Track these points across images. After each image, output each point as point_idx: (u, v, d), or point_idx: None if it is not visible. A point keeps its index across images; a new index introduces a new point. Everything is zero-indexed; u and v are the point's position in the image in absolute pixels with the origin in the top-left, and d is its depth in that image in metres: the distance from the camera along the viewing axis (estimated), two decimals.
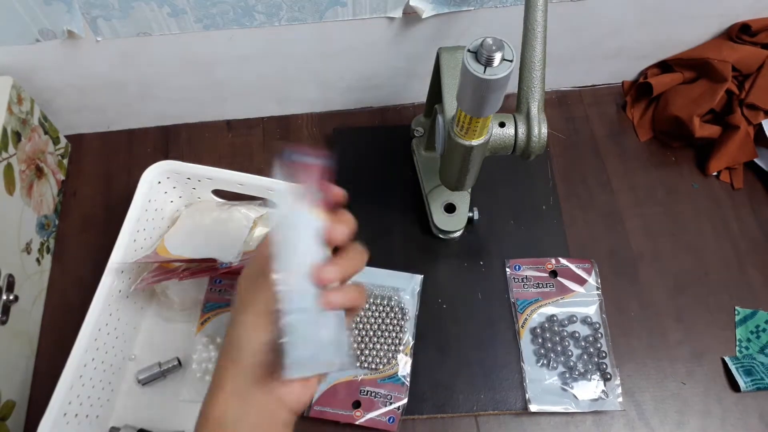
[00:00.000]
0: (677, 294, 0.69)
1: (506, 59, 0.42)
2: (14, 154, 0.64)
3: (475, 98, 0.45)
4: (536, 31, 0.54)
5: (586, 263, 0.70)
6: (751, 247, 0.72)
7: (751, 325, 0.67)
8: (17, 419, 0.61)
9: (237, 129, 0.81)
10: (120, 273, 0.60)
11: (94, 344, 0.57)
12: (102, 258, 0.59)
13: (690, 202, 0.75)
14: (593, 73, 0.82)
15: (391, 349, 0.64)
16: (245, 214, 0.66)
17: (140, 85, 0.73)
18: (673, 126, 0.76)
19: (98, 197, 0.76)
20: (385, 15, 0.65)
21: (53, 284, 0.70)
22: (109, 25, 0.62)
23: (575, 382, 0.63)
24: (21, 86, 0.67)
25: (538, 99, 0.55)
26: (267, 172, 0.77)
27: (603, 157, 0.78)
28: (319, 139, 0.79)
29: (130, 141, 0.80)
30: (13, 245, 0.63)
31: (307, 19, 0.64)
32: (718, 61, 0.73)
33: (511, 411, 0.63)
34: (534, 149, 0.55)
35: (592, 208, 0.74)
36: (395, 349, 0.64)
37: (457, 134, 0.52)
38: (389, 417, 0.61)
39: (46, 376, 0.64)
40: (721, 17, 0.73)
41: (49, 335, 0.67)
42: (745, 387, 0.63)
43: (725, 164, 0.75)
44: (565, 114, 0.81)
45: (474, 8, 0.66)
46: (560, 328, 0.66)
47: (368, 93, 0.79)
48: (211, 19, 0.63)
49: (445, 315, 0.68)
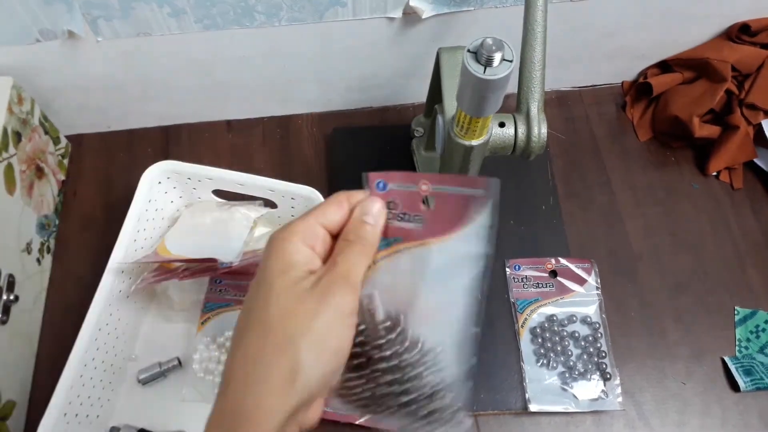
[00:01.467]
0: (677, 294, 0.69)
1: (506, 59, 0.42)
2: (14, 154, 0.64)
3: (475, 98, 0.45)
4: (536, 31, 0.54)
5: (586, 263, 0.70)
6: (751, 247, 0.72)
7: (751, 325, 0.67)
8: (17, 419, 0.61)
9: (237, 129, 0.81)
10: (120, 273, 0.60)
11: (94, 344, 0.57)
12: (102, 258, 0.59)
13: (690, 202, 0.75)
14: (593, 73, 0.82)
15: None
16: (246, 215, 0.66)
17: (140, 85, 0.73)
18: (673, 126, 0.76)
19: (98, 197, 0.76)
20: (385, 15, 0.65)
21: (53, 284, 0.70)
22: (110, 25, 0.62)
23: (575, 381, 0.63)
24: (21, 86, 0.67)
25: (538, 99, 0.55)
26: (267, 172, 0.77)
27: (603, 157, 0.78)
28: (319, 139, 0.79)
29: (130, 141, 0.80)
30: (14, 245, 0.63)
31: (307, 19, 0.64)
32: (717, 61, 0.73)
33: (511, 411, 0.63)
34: (534, 149, 0.55)
35: (591, 208, 0.75)
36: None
37: (457, 134, 0.52)
38: None
39: (47, 376, 0.64)
40: (720, 17, 0.73)
41: (50, 335, 0.67)
42: (745, 387, 0.63)
43: (725, 164, 0.75)
44: (565, 114, 0.81)
45: (474, 8, 0.66)
46: (560, 328, 0.66)
47: (368, 93, 0.79)
48: (211, 20, 0.63)
49: None
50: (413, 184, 0.37)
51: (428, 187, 0.37)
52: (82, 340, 0.55)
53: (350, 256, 0.33)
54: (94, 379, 0.58)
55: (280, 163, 0.78)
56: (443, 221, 0.37)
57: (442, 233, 0.37)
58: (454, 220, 0.37)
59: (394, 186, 0.38)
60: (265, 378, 0.29)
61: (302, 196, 0.62)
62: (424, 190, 0.37)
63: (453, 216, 0.37)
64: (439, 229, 0.37)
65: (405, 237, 0.37)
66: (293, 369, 0.29)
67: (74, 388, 0.54)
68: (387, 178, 0.38)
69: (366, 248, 0.34)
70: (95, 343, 0.57)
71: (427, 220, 0.37)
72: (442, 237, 0.37)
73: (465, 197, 0.37)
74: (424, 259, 0.37)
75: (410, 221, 0.37)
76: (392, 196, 0.38)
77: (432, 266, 0.36)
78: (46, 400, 0.52)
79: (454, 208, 0.37)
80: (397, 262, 0.37)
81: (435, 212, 0.37)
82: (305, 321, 0.30)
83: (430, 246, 0.37)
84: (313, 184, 0.62)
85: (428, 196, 0.37)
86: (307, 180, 0.63)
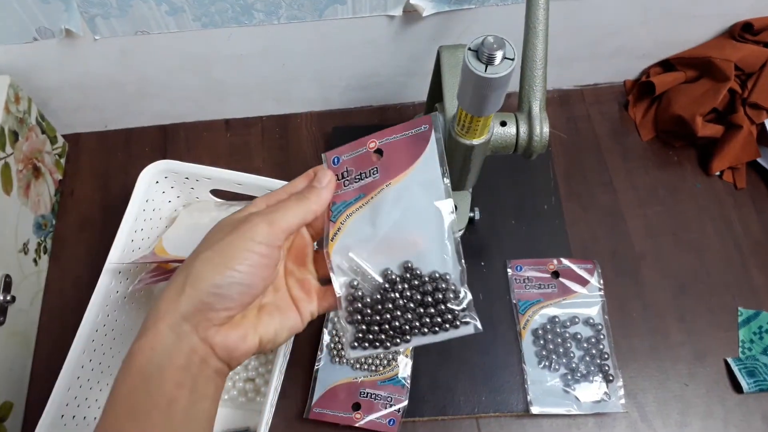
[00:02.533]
0: (680, 295, 0.69)
1: (507, 58, 0.41)
2: (11, 153, 0.64)
3: (476, 97, 0.44)
4: (538, 30, 0.54)
5: (589, 264, 0.69)
6: (754, 247, 0.71)
7: (754, 326, 0.67)
8: (15, 420, 0.61)
9: (235, 128, 0.80)
10: (118, 273, 0.60)
11: (91, 345, 0.56)
12: (99, 258, 0.58)
13: (692, 202, 0.74)
14: (595, 72, 0.81)
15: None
16: None
17: (138, 84, 0.72)
18: (676, 125, 0.75)
19: (96, 197, 0.75)
20: (385, 13, 0.65)
21: (50, 285, 0.70)
22: (107, 23, 0.62)
23: (577, 383, 0.63)
24: (18, 85, 0.66)
25: (540, 98, 0.54)
26: (266, 171, 0.77)
27: (605, 157, 0.77)
28: (318, 138, 0.79)
29: (127, 140, 0.79)
30: (10, 245, 0.63)
31: (306, 17, 0.64)
32: (720, 60, 0.72)
33: (513, 413, 0.62)
34: (535, 148, 0.55)
35: (594, 208, 0.74)
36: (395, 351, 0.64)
37: (457, 133, 0.51)
38: (389, 419, 0.61)
39: (44, 377, 0.64)
40: (723, 16, 0.73)
41: (47, 336, 0.67)
42: (748, 388, 0.62)
43: (728, 164, 0.74)
44: (567, 113, 0.81)
45: (475, 6, 0.65)
46: (562, 330, 0.66)
47: (368, 92, 0.79)
48: (209, 18, 0.63)
49: None
50: (363, 147, 0.43)
51: (376, 143, 0.43)
52: (79, 341, 0.55)
53: (283, 205, 0.40)
54: (92, 380, 0.57)
55: (279, 162, 0.77)
56: (397, 164, 0.43)
57: (397, 173, 0.42)
58: (406, 159, 0.42)
59: (346, 156, 0.44)
60: (167, 288, 0.38)
61: None
62: (372, 146, 0.43)
63: (405, 156, 0.42)
64: (394, 171, 0.43)
65: (366, 191, 0.43)
66: (185, 279, 0.37)
67: (71, 389, 0.54)
68: (339, 153, 0.44)
69: (303, 204, 0.41)
70: (92, 344, 0.56)
71: (382, 168, 0.43)
72: (398, 176, 0.42)
73: (412, 138, 0.42)
74: (384, 198, 0.42)
75: (368, 177, 0.43)
76: (345, 165, 0.44)
77: (391, 199, 0.42)
78: (43, 401, 0.52)
79: (405, 150, 0.42)
80: (363, 214, 0.43)
81: (387, 159, 0.43)
82: (211, 242, 0.39)
83: (390, 187, 0.42)
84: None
85: (379, 149, 0.43)
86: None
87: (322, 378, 0.63)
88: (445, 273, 0.41)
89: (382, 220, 0.42)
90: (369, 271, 0.42)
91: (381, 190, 0.42)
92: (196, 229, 0.65)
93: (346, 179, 0.43)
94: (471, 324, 0.42)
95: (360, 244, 0.42)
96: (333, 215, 0.43)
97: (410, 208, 0.42)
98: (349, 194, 0.43)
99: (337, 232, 0.43)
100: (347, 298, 0.42)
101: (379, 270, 0.42)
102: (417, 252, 0.42)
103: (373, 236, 0.42)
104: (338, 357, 0.64)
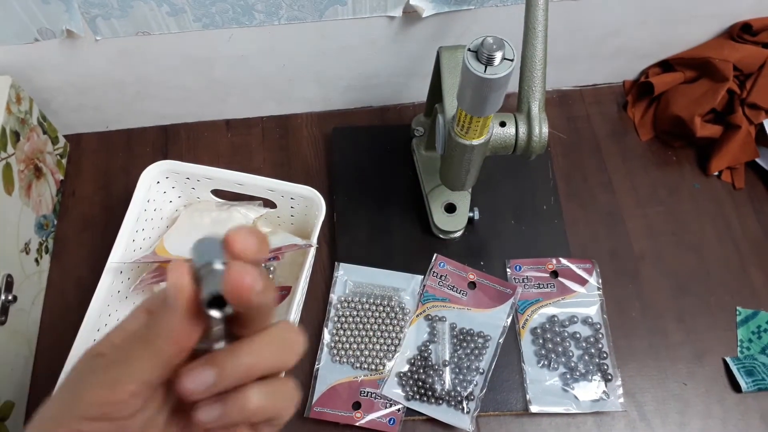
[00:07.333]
0: (678, 294, 0.69)
1: (507, 58, 0.41)
2: (13, 153, 0.64)
3: (476, 97, 0.44)
4: (537, 30, 0.54)
5: (587, 263, 0.69)
6: (753, 247, 0.72)
7: (753, 325, 0.67)
8: (16, 420, 0.61)
9: (236, 128, 0.80)
10: (119, 273, 0.60)
11: None
12: (101, 258, 0.58)
13: (691, 202, 0.75)
14: (594, 73, 0.81)
15: (391, 349, 0.64)
16: (245, 215, 0.66)
17: (139, 85, 0.72)
18: (675, 125, 0.75)
19: (97, 197, 0.75)
20: (385, 14, 0.65)
21: (52, 284, 0.70)
22: (108, 24, 0.62)
23: (576, 382, 0.63)
24: (20, 86, 0.66)
25: (539, 98, 0.55)
26: (266, 171, 0.77)
27: (604, 157, 0.78)
28: (318, 139, 0.79)
29: (129, 141, 0.79)
30: (12, 245, 0.63)
31: (306, 18, 0.64)
32: (719, 60, 0.72)
33: (512, 412, 0.63)
34: (535, 149, 0.55)
35: (593, 208, 0.74)
36: (395, 350, 0.64)
37: (457, 134, 0.52)
38: (390, 418, 0.61)
39: (45, 377, 0.64)
40: (722, 16, 0.73)
41: (48, 336, 0.67)
42: (747, 388, 0.63)
43: (727, 164, 0.74)
44: (566, 113, 0.81)
45: (474, 7, 0.66)
46: (561, 329, 0.66)
47: (368, 92, 0.79)
48: (210, 18, 0.63)
49: None
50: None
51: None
52: (81, 341, 0.55)
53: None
54: None
55: (280, 162, 0.78)
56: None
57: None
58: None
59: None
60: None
61: (302, 195, 0.62)
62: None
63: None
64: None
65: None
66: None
67: None
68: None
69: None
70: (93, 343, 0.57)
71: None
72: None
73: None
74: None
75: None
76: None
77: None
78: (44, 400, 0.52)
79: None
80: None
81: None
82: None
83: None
84: (313, 183, 0.62)
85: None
86: (307, 180, 0.63)
87: (322, 377, 0.63)
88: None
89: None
90: None
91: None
92: (197, 229, 0.66)
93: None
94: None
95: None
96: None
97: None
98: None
99: None
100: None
101: None
102: None
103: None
104: (338, 356, 0.64)
